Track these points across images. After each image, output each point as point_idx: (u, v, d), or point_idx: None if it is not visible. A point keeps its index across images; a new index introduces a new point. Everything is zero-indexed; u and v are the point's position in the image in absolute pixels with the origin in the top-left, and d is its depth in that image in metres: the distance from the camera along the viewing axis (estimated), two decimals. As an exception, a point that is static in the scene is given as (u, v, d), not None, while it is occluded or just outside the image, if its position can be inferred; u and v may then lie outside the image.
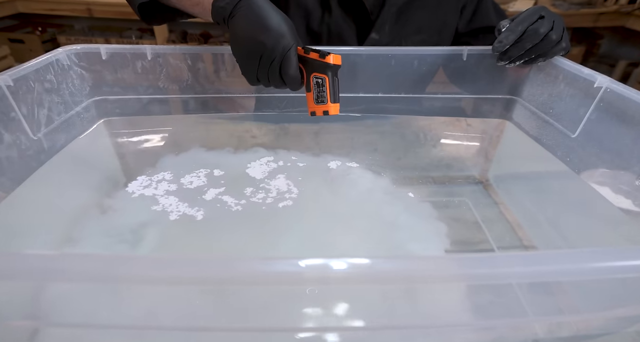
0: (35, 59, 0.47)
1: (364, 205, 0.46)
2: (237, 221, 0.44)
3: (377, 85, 0.60)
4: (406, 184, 0.53)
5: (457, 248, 0.43)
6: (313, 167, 0.53)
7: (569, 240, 0.39)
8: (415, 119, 0.63)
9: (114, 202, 0.45)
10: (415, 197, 0.49)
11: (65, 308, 0.24)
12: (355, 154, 0.56)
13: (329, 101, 0.47)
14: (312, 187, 0.49)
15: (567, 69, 0.51)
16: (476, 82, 0.60)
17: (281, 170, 0.52)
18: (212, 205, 0.46)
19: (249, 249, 0.40)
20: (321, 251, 0.39)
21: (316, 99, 0.47)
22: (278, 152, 0.57)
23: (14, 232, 0.39)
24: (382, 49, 0.57)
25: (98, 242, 0.40)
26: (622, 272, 0.21)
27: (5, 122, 0.42)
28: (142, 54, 0.55)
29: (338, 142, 0.60)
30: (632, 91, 0.42)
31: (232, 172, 0.52)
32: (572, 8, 1.79)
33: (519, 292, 0.26)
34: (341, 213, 0.45)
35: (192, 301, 0.25)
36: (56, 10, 1.82)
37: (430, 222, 0.45)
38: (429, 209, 0.47)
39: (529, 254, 0.21)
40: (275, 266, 0.20)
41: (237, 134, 0.62)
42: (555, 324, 0.27)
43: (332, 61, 0.44)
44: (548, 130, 0.53)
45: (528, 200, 0.45)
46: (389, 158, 0.52)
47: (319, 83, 0.46)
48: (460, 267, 0.21)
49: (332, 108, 0.47)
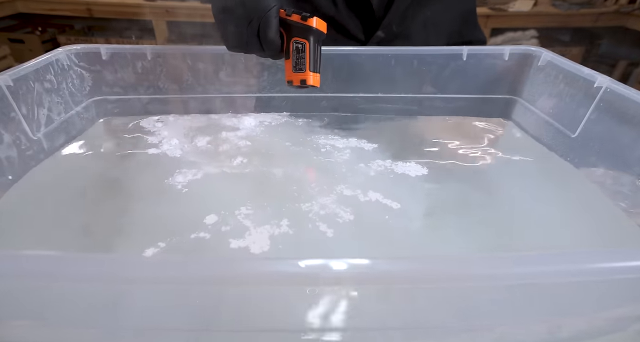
0: (35, 59, 0.47)
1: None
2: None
3: (377, 85, 0.60)
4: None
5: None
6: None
7: (569, 240, 0.39)
8: (415, 119, 0.63)
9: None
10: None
11: (65, 308, 0.24)
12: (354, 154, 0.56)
13: (308, 69, 0.44)
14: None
15: (567, 69, 0.51)
16: (476, 82, 0.60)
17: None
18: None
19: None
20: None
21: (294, 66, 0.44)
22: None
23: (13, 232, 0.39)
24: (382, 49, 0.58)
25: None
26: (622, 273, 0.21)
27: (5, 122, 0.42)
28: (142, 54, 0.55)
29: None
30: (632, 91, 0.42)
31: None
32: (572, 8, 1.79)
33: (519, 292, 0.26)
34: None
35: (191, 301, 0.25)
36: (56, 10, 1.82)
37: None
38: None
39: (529, 255, 0.21)
40: (275, 266, 0.20)
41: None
42: (555, 324, 0.27)
43: (314, 25, 0.42)
44: (548, 130, 0.54)
45: (527, 200, 0.45)
46: (389, 158, 0.52)
47: (299, 49, 0.43)
48: (460, 268, 0.21)
49: (311, 77, 0.44)
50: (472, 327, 0.27)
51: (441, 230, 0.41)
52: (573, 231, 0.40)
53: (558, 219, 0.42)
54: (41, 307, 0.23)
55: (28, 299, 0.23)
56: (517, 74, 0.59)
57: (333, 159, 0.52)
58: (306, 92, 0.60)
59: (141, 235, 0.39)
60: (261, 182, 0.47)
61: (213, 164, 0.50)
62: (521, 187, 0.47)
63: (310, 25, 0.42)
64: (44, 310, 0.24)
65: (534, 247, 0.39)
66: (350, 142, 0.56)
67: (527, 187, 0.47)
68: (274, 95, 0.61)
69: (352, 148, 0.55)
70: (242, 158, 0.52)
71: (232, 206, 0.42)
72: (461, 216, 0.43)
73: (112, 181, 0.47)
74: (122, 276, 0.20)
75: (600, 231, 0.41)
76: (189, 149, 0.53)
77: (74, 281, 0.20)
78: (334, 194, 0.45)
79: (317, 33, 0.43)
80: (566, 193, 0.46)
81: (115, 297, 0.23)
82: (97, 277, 0.20)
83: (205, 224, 0.40)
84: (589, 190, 0.45)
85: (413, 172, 0.50)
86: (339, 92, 0.61)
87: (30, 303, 0.23)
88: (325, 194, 0.45)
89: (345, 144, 0.56)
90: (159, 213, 0.42)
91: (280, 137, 0.57)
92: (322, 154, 0.54)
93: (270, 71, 0.59)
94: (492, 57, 0.58)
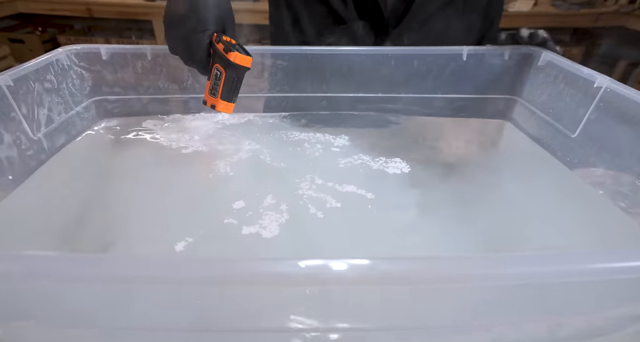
0: (35, 59, 0.47)
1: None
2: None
3: (377, 85, 0.60)
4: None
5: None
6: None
7: (569, 240, 0.39)
8: (415, 119, 0.63)
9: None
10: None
11: (65, 308, 0.24)
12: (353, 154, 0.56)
13: (219, 97, 0.46)
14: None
15: (567, 69, 0.51)
16: (476, 82, 0.60)
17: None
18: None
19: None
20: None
21: (211, 89, 0.47)
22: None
23: (13, 232, 0.39)
24: (382, 49, 0.58)
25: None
26: (622, 273, 0.21)
27: (5, 122, 0.42)
28: (142, 54, 0.55)
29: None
30: (632, 91, 0.42)
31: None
32: (572, 8, 1.79)
33: (519, 292, 0.26)
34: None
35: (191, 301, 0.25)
36: (56, 10, 1.82)
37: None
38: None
39: (529, 255, 0.21)
40: (275, 266, 0.20)
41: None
42: (555, 324, 0.27)
43: (233, 59, 0.43)
44: (548, 130, 0.54)
45: (527, 200, 0.45)
46: (388, 158, 0.52)
47: (217, 76, 0.45)
48: (460, 268, 0.21)
49: (220, 105, 0.47)
50: (471, 327, 0.27)
51: (440, 230, 0.41)
52: (573, 231, 0.40)
53: (558, 219, 0.42)
54: (41, 307, 0.23)
55: (28, 299, 0.23)
56: (517, 74, 0.59)
57: (333, 158, 0.52)
58: (306, 92, 0.61)
59: (141, 235, 0.39)
60: (259, 182, 0.47)
61: (213, 164, 0.50)
62: (520, 187, 0.47)
63: (228, 59, 0.43)
64: (44, 310, 0.24)
65: (534, 247, 0.39)
66: (350, 142, 0.56)
67: (526, 187, 0.47)
68: (274, 95, 0.61)
69: (352, 148, 0.55)
70: (241, 157, 0.52)
71: (231, 205, 0.42)
72: (461, 215, 0.43)
73: (112, 181, 0.47)
74: (122, 275, 0.20)
75: (600, 231, 0.41)
76: (189, 149, 0.53)
77: (74, 281, 0.20)
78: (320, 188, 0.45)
79: (234, 67, 0.44)
80: (566, 193, 0.46)
81: (115, 297, 0.23)
82: (97, 277, 0.20)
83: (205, 225, 0.40)
84: (589, 190, 0.45)
85: (413, 173, 0.50)
86: (339, 92, 0.61)
87: (30, 303, 0.23)
88: (310, 188, 0.45)
89: (345, 143, 0.56)
90: (159, 213, 0.42)
91: (280, 136, 0.57)
92: (322, 153, 0.54)
93: (270, 71, 0.59)
94: (492, 57, 0.58)
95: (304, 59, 0.58)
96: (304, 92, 0.61)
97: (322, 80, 0.60)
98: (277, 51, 0.58)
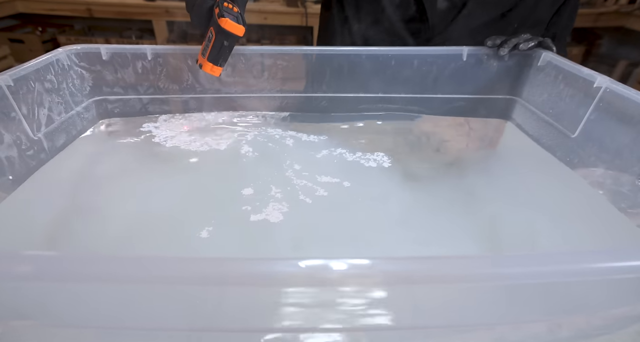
0: (35, 59, 0.47)
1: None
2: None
3: (377, 86, 0.60)
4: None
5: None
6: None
7: (569, 240, 0.39)
8: (415, 119, 0.63)
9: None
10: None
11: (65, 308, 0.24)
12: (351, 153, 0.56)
13: (206, 57, 0.47)
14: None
15: (567, 69, 0.51)
16: (476, 82, 0.60)
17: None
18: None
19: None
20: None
21: (203, 49, 0.48)
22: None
23: (14, 232, 0.39)
24: (382, 49, 0.58)
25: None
26: (622, 272, 0.21)
27: (5, 122, 0.42)
28: (142, 54, 0.55)
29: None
30: (632, 91, 0.42)
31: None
32: (572, 8, 1.79)
33: (519, 292, 0.26)
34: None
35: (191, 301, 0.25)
36: (56, 10, 1.81)
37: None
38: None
39: (529, 255, 0.21)
40: (275, 266, 0.20)
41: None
42: (555, 324, 0.27)
43: (222, 25, 0.44)
44: (548, 131, 0.54)
45: (527, 200, 0.45)
46: (388, 158, 0.53)
47: (209, 37, 0.46)
48: (460, 268, 0.21)
49: (207, 66, 0.48)
50: (472, 327, 0.27)
51: (440, 228, 0.41)
52: (573, 231, 0.40)
53: (557, 219, 0.42)
54: (42, 307, 0.23)
55: (28, 299, 0.23)
56: (517, 74, 0.59)
57: (332, 157, 0.53)
58: (306, 92, 0.61)
59: (141, 234, 0.39)
60: (260, 182, 0.47)
61: (213, 163, 0.50)
62: (520, 187, 0.47)
63: (219, 23, 0.45)
64: (45, 310, 0.24)
65: (534, 247, 0.39)
66: (349, 142, 0.56)
67: (526, 187, 0.47)
68: (275, 95, 0.61)
69: (350, 147, 0.55)
70: (240, 155, 0.52)
71: (231, 204, 0.42)
72: (461, 214, 0.43)
73: (112, 181, 0.47)
74: (122, 275, 0.20)
75: (600, 231, 0.41)
76: (189, 149, 0.53)
77: (73, 281, 0.20)
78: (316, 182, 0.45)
79: (223, 32, 0.45)
80: (565, 193, 0.46)
81: (115, 297, 0.23)
82: (97, 277, 0.20)
83: (205, 224, 0.40)
84: (589, 190, 0.45)
85: (413, 172, 0.50)
86: (339, 92, 0.61)
87: (30, 303, 0.23)
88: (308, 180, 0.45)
89: (344, 143, 0.56)
90: (159, 213, 0.42)
91: (280, 135, 0.57)
92: (321, 152, 0.54)
93: (270, 71, 0.59)
94: (492, 57, 0.58)
95: (304, 59, 0.58)
96: (304, 92, 0.61)
97: (322, 80, 0.60)
98: (277, 51, 0.58)
